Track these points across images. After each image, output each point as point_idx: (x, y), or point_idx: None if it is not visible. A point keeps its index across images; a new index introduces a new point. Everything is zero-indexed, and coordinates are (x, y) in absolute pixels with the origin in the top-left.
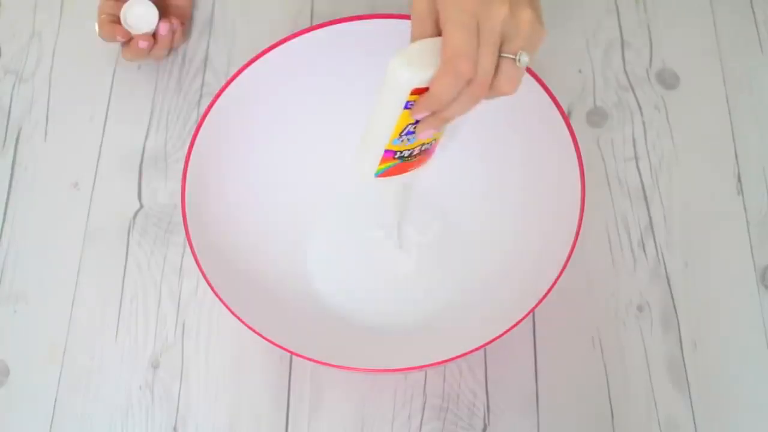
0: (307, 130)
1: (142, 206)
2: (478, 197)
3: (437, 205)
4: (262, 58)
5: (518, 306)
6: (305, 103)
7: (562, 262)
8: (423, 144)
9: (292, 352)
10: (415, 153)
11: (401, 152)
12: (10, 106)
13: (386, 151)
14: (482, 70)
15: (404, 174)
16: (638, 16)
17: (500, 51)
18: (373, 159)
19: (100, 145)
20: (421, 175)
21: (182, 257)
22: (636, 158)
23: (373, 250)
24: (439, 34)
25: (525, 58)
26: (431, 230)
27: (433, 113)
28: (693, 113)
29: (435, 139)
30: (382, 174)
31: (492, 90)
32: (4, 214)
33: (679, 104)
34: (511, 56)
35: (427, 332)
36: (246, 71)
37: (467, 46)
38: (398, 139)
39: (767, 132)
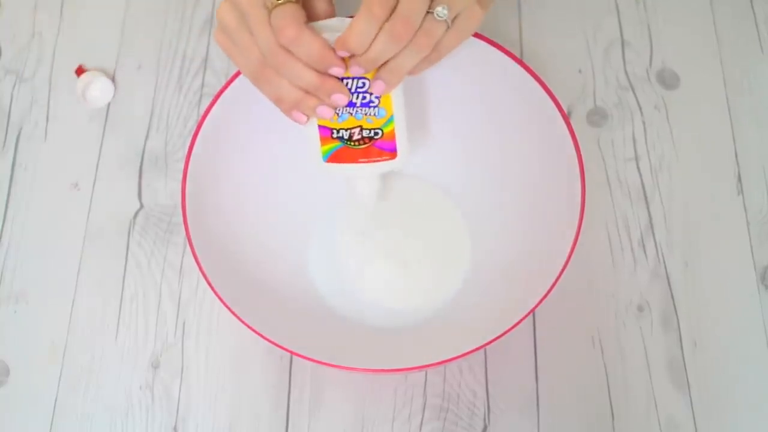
0: None
1: (142, 206)
2: (476, 197)
3: (433, 207)
4: None
5: (518, 306)
6: None
7: (562, 262)
8: (363, 128)
9: (292, 352)
10: (355, 137)
11: (338, 131)
12: (10, 106)
13: (321, 127)
14: (401, 8)
15: (355, 165)
16: (638, 16)
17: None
18: (314, 138)
19: (100, 145)
20: (417, 175)
21: (182, 257)
22: (636, 158)
23: (374, 250)
24: None
25: (442, 10)
26: (430, 231)
27: (355, 55)
28: (693, 113)
29: (381, 129)
30: (330, 158)
31: (411, 44)
32: (4, 214)
33: (679, 104)
34: (431, 9)
35: (427, 332)
36: None
37: None
38: None
39: (767, 132)
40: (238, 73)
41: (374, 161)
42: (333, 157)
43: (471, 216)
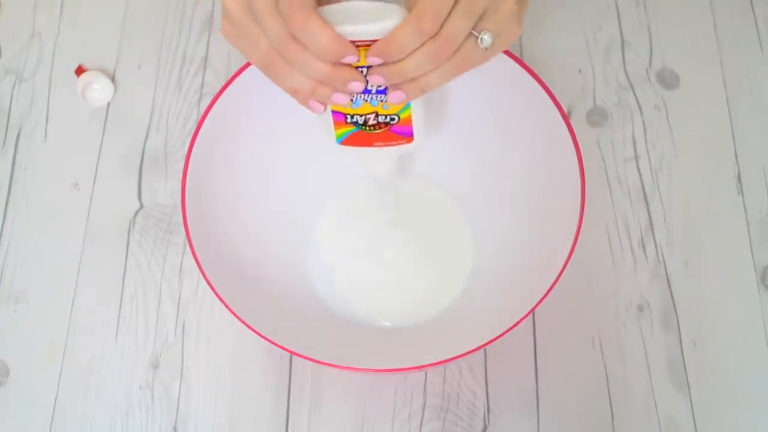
0: (307, 129)
1: (142, 206)
2: (477, 198)
3: (434, 206)
4: None
5: (518, 306)
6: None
7: (562, 262)
8: (378, 114)
9: (292, 352)
10: (370, 122)
11: (351, 116)
12: (10, 106)
13: (334, 112)
14: (448, 29)
15: (371, 148)
16: (638, 16)
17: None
18: (327, 122)
19: (100, 145)
20: (418, 171)
21: (182, 257)
22: (636, 158)
23: (374, 250)
24: None
25: (488, 38)
26: (431, 231)
27: (386, 63)
28: (693, 113)
29: (397, 115)
30: (344, 141)
31: (447, 64)
32: (4, 214)
33: (679, 104)
34: (476, 33)
35: (427, 332)
36: (246, 71)
37: (440, 5)
38: None
39: (767, 132)
40: (238, 73)
41: (390, 145)
42: (348, 141)
43: (472, 216)
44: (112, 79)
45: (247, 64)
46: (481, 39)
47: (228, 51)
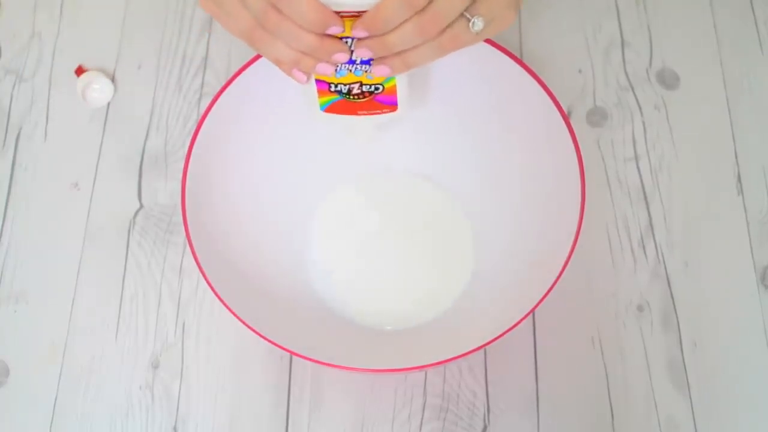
0: (307, 129)
1: (142, 206)
2: (478, 197)
3: (434, 206)
4: (262, 58)
5: (518, 306)
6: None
7: (562, 262)
8: (362, 83)
9: (292, 352)
10: (354, 91)
11: (335, 85)
12: (10, 106)
13: (318, 81)
14: (438, 4)
15: (355, 116)
16: (638, 16)
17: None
18: (311, 90)
19: (100, 145)
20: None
21: (182, 257)
22: (636, 158)
23: (374, 250)
24: None
25: (479, 23)
26: (431, 231)
27: (373, 36)
28: (693, 113)
29: (381, 84)
30: (327, 109)
31: (434, 42)
32: (4, 214)
33: (679, 104)
34: (468, 16)
35: (427, 332)
36: (246, 71)
37: None
38: None
39: (767, 132)
40: (238, 73)
41: (374, 113)
42: (331, 108)
43: (472, 216)
44: (112, 79)
45: (247, 64)
46: (473, 23)
47: (228, 51)
